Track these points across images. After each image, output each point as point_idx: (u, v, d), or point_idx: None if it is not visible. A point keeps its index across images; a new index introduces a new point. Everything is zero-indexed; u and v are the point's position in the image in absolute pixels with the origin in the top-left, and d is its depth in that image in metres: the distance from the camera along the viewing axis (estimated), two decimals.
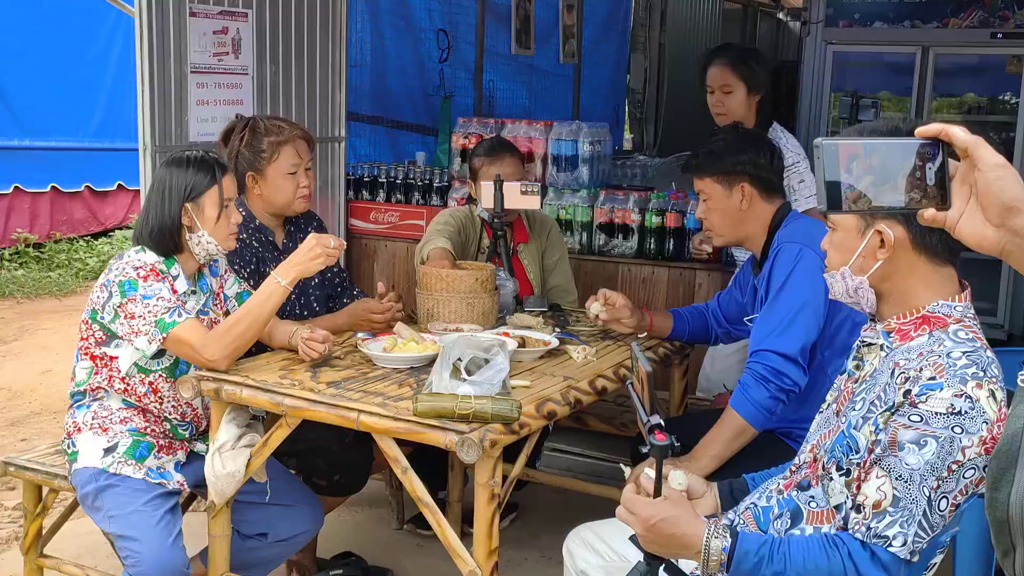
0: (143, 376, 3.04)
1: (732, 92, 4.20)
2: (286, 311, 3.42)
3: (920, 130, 1.35)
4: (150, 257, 3.00)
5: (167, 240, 3.01)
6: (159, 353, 3.02)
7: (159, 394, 3.07)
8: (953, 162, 1.35)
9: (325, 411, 2.71)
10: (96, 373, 3.07)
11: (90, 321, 3.03)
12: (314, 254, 2.98)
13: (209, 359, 2.89)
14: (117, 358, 3.03)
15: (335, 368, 3.00)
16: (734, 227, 3.14)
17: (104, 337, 3.02)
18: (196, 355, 2.92)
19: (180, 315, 2.91)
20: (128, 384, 3.05)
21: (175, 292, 3.00)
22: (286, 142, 3.47)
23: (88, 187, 10.30)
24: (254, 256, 3.49)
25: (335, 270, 3.76)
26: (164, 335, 2.90)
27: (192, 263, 3.09)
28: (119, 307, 2.93)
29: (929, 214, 1.35)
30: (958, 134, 1.32)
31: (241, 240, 3.44)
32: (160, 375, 3.05)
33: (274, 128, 3.49)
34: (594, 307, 3.33)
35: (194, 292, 3.10)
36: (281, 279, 2.97)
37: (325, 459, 3.37)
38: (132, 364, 3.03)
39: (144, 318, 2.90)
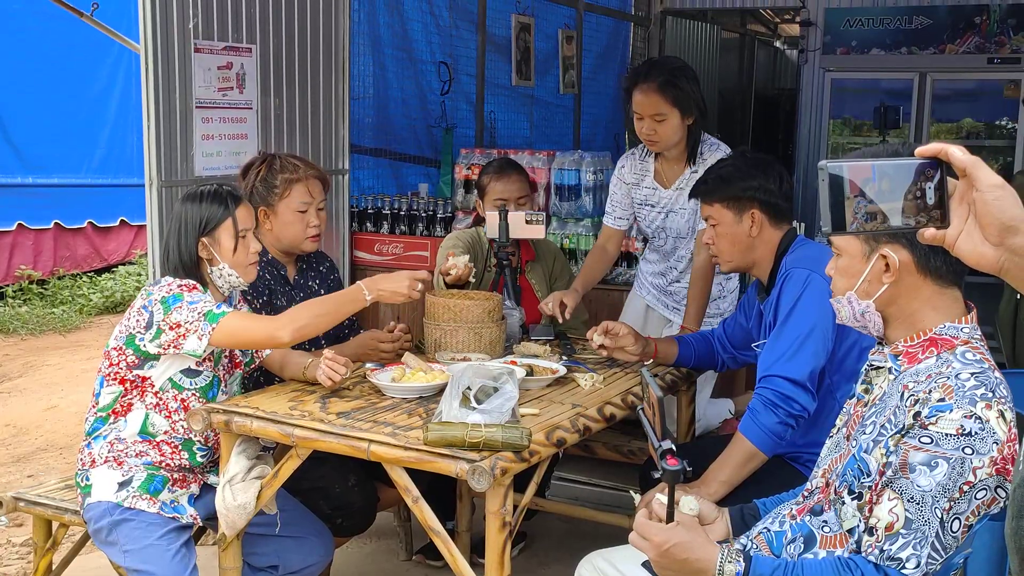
0: (176, 392, 3.04)
1: (665, 119, 3.87)
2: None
3: (920, 150, 1.37)
4: (189, 281, 3.03)
5: (190, 276, 3.04)
6: (194, 373, 3.03)
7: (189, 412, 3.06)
8: (952, 181, 1.37)
9: (335, 441, 2.71)
10: (125, 395, 3.05)
11: (124, 347, 3.01)
12: (401, 287, 3.07)
13: (276, 326, 2.95)
14: (150, 377, 3.03)
15: (344, 399, 3.01)
16: (743, 253, 3.13)
17: (137, 360, 3.02)
18: (256, 326, 2.97)
19: (228, 308, 2.96)
20: (161, 399, 3.04)
21: None
22: (299, 180, 3.52)
23: (91, 223, 10.34)
24: (267, 288, 3.52)
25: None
26: (214, 325, 2.90)
27: (218, 296, 3.11)
28: (163, 320, 2.92)
29: (929, 233, 1.37)
30: (956, 153, 1.34)
31: None
32: (193, 394, 3.05)
33: (289, 166, 3.54)
34: (596, 338, 3.34)
35: None
36: (367, 292, 3.05)
37: (327, 501, 3.38)
38: (167, 379, 3.02)
39: (191, 317, 2.91)
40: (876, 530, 1.96)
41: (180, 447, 3.07)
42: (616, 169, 4.26)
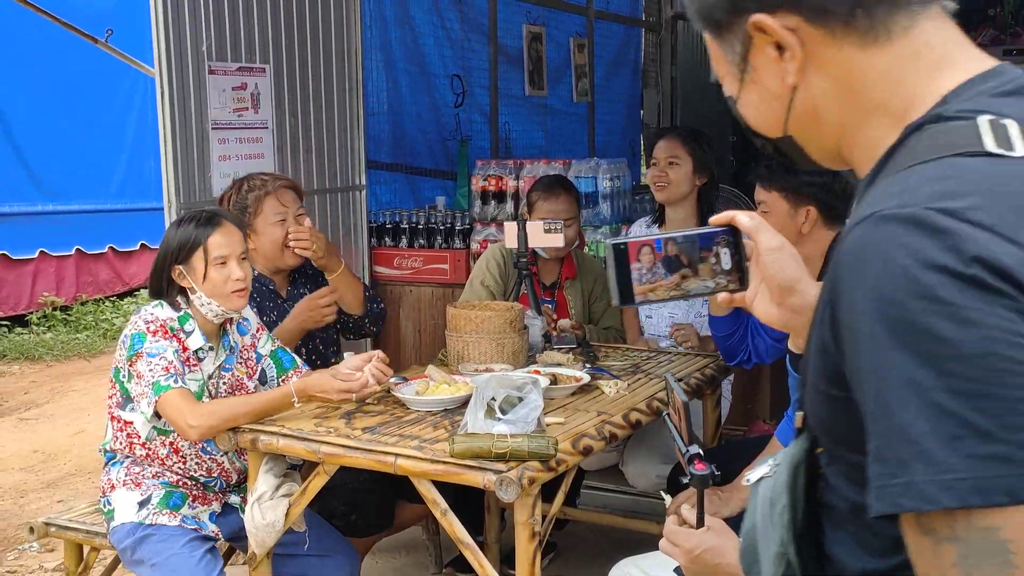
0: (163, 438, 3.06)
1: (679, 164, 4.03)
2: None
3: (713, 219, 1.44)
4: (164, 312, 3.00)
5: (170, 299, 3.03)
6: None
7: (181, 454, 3.08)
8: (749, 244, 1.44)
9: (362, 457, 2.71)
10: (115, 438, 3.10)
11: (114, 379, 3.06)
12: (331, 395, 2.96)
13: (190, 423, 2.86)
14: (132, 423, 3.05)
15: (369, 414, 3.01)
16: None
17: (121, 400, 3.05)
18: (178, 419, 2.89)
19: (176, 381, 2.90)
20: (149, 449, 3.07)
21: (186, 350, 3.00)
22: (268, 193, 3.59)
23: (112, 248, 10.39)
24: (254, 304, 3.52)
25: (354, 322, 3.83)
26: (157, 397, 2.89)
27: (206, 325, 3.06)
28: (130, 363, 2.94)
29: (722, 296, 1.44)
30: (742, 220, 1.41)
31: None
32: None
33: (257, 183, 3.63)
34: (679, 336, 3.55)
35: (212, 349, 3.09)
36: (295, 397, 2.96)
37: (340, 499, 3.39)
38: (151, 428, 3.04)
39: (145, 378, 2.90)
40: None
41: (190, 476, 3.11)
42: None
